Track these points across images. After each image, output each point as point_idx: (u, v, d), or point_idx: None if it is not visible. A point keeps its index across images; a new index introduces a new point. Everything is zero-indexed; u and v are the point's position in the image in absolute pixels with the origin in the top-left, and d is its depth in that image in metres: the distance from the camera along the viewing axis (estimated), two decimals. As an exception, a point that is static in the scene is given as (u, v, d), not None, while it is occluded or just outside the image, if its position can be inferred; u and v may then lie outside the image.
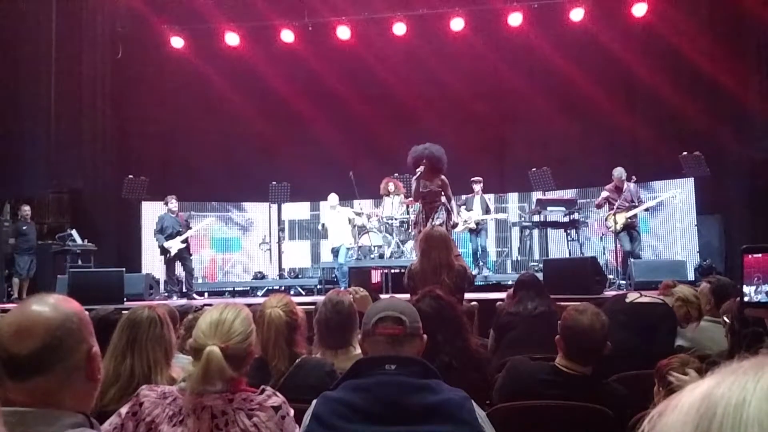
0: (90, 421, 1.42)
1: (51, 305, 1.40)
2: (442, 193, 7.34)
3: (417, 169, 7.24)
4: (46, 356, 1.35)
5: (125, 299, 7.73)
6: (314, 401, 2.05)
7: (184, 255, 9.80)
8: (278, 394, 2.08)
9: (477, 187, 10.63)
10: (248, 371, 2.17)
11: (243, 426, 1.99)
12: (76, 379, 1.40)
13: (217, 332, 2.07)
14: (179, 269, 9.97)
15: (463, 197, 10.60)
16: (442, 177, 7.37)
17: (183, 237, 9.74)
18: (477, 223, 10.57)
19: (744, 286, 1.47)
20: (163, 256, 9.85)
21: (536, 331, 3.99)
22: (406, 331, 2.12)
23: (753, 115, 9.69)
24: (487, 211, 10.76)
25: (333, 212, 10.61)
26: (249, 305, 2.38)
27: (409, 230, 9.73)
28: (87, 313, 1.47)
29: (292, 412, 2.06)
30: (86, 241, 10.11)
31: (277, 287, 10.80)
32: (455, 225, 8.08)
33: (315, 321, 3.41)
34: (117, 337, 2.71)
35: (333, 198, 10.65)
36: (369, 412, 1.97)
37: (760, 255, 1.45)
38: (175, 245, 9.66)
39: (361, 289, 4.13)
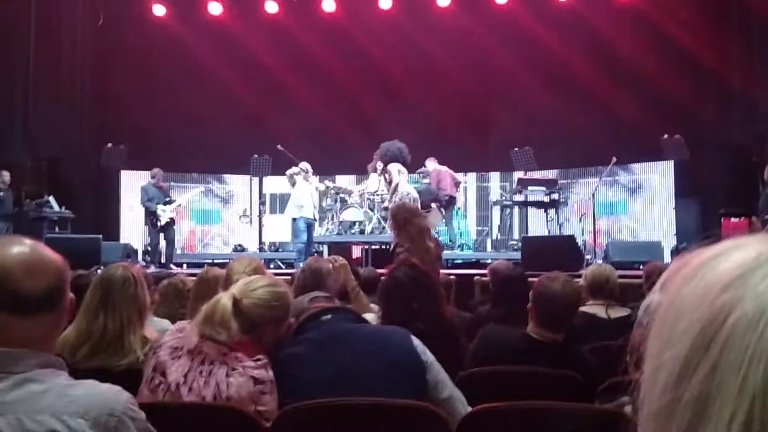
0: (58, 359, 1.43)
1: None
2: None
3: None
4: (54, 296, 1.38)
5: (102, 266, 7.67)
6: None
7: (170, 224, 9.81)
8: (270, 372, 2.09)
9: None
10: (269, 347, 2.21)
11: (218, 380, 2.03)
12: (59, 325, 1.44)
13: (241, 287, 2.16)
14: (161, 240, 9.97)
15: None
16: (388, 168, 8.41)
17: (174, 206, 9.77)
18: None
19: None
20: (148, 225, 9.82)
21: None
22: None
23: (736, 98, 9.76)
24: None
25: (305, 183, 9.78)
26: None
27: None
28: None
29: (275, 393, 2.09)
30: (63, 208, 10.02)
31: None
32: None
33: (293, 287, 3.44)
34: (90, 295, 2.69)
35: (307, 166, 9.81)
36: (319, 359, 2.18)
37: (738, 219, 1.46)
38: (167, 213, 9.68)
39: (341, 258, 4.14)
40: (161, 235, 9.90)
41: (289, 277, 4.18)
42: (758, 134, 9.06)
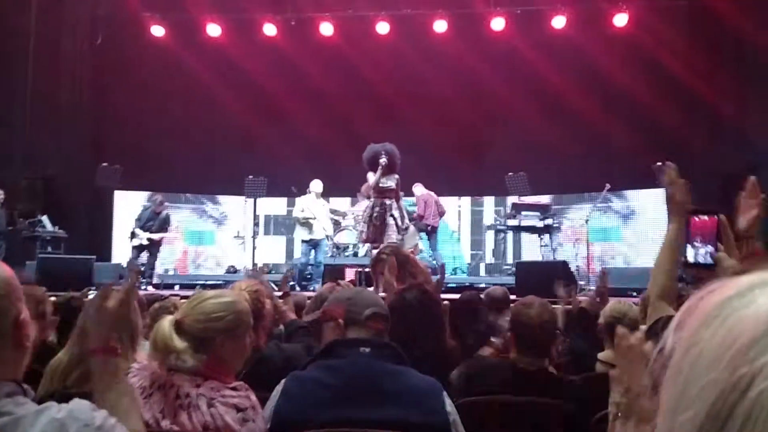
0: (22, 387, 1.39)
1: None
2: (396, 190, 7.68)
3: (380, 160, 7.46)
4: None
5: (94, 287, 7.63)
6: (284, 379, 2.07)
7: (151, 249, 9.99)
8: (251, 396, 2.04)
9: None
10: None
11: (202, 411, 1.98)
12: (2, 347, 1.35)
13: (186, 306, 2.08)
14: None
15: None
16: (396, 176, 7.66)
17: (150, 236, 9.89)
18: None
19: (688, 247, 1.50)
20: (130, 243, 10.01)
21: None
22: (386, 329, 2.25)
23: (727, 127, 9.84)
24: None
25: (318, 201, 10.03)
26: None
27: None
28: (17, 278, 1.41)
29: (260, 418, 2.02)
30: (57, 227, 9.99)
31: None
32: (407, 228, 8.12)
33: (304, 313, 3.47)
34: (82, 320, 2.67)
35: (317, 185, 9.97)
36: (340, 393, 2.00)
37: (706, 218, 1.47)
38: (142, 236, 9.82)
39: (349, 284, 4.16)
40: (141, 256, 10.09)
41: (281, 300, 4.18)
42: (748, 162, 9.11)
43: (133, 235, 9.91)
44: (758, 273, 0.51)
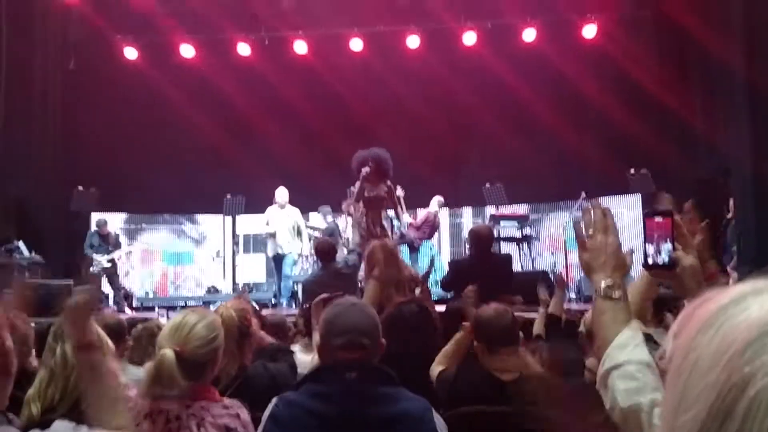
0: (6, 416, 1.40)
1: None
2: (388, 199, 7.24)
3: (363, 168, 7.06)
4: None
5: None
6: (273, 400, 2.05)
7: (111, 272, 10.01)
8: (242, 415, 2.06)
9: None
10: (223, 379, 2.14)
11: None
12: None
13: (175, 335, 2.06)
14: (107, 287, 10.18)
15: None
16: (389, 182, 7.22)
17: (110, 257, 9.93)
18: None
19: (648, 248, 1.53)
20: (90, 271, 10.01)
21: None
22: (366, 356, 2.09)
23: (697, 136, 9.99)
24: None
25: (282, 212, 9.84)
26: None
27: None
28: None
29: None
30: (33, 253, 9.87)
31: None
32: (404, 236, 8.02)
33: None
34: (46, 354, 2.58)
35: (280, 193, 9.68)
36: (328, 421, 1.97)
37: (661, 219, 1.50)
38: (102, 261, 9.83)
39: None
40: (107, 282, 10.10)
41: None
42: (722, 168, 9.27)
43: (91, 262, 9.92)
44: (750, 282, 0.54)
